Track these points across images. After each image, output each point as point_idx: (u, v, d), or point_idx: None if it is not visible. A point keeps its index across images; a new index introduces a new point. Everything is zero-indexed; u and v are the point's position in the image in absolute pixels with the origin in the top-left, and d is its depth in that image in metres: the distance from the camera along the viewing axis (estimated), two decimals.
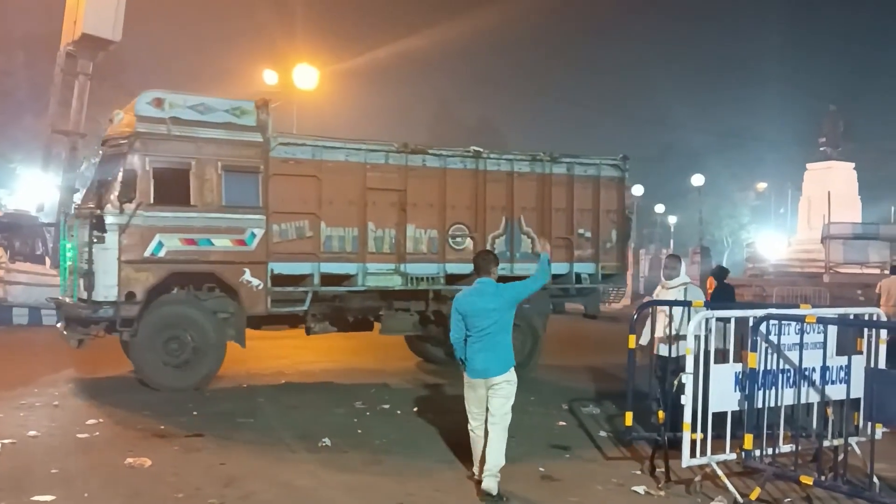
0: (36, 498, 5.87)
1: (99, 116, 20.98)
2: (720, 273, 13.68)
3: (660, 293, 8.47)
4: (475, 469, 6.49)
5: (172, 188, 10.63)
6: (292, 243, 11.25)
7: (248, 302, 10.97)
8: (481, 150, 12.67)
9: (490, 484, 6.17)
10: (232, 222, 10.86)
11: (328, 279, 11.57)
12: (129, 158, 10.38)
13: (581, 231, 13.01)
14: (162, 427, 8.34)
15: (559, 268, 12.64)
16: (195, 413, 9.17)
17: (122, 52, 22.99)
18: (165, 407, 9.44)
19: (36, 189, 22.79)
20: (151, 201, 10.44)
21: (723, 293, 12.88)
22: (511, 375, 6.41)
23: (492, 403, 6.34)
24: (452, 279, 12.26)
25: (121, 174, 10.29)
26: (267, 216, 11.03)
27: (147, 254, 10.39)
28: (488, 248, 11.96)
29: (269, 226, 11.04)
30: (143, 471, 6.70)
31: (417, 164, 12.18)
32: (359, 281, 11.67)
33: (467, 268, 11.84)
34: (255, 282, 10.97)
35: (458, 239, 12.33)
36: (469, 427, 6.54)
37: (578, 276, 13.02)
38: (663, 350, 7.66)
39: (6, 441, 7.46)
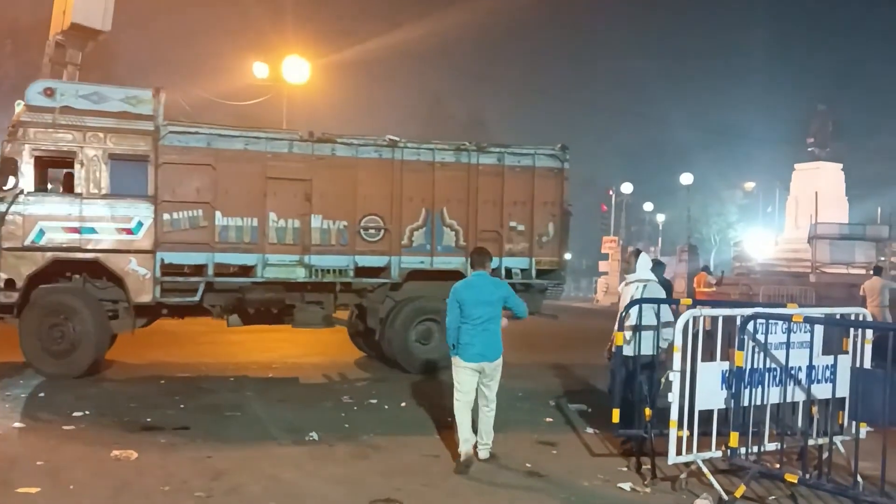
0: (21, 490, 5.84)
1: None
2: (657, 266, 13.59)
3: (622, 290, 8.39)
4: (461, 448, 6.90)
5: (57, 176, 10.99)
6: (185, 233, 11.20)
7: (134, 291, 10.97)
8: (397, 139, 12.29)
9: (486, 453, 7.14)
10: (117, 211, 10.92)
11: (227, 270, 11.60)
12: (12, 147, 10.61)
13: (513, 224, 12.47)
14: (149, 420, 8.32)
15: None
16: (182, 406, 9.15)
17: (112, 42, 22.87)
18: (152, 399, 9.43)
19: None
20: (32, 189, 10.64)
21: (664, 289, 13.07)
22: (501, 361, 7.13)
23: (488, 388, 7.09)
24: (365, 272, 12.08)
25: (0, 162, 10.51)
26: (156, 205, 11.01)
27: (28, 241, 10.56)
28: (405, 240, 11.99)
29: (158, 215, 11.01)
30: (129, 463, 6.68)
31: (326, 153, 11.89)
32: (258, 272, 11.51)
33: (381, 260, 11.97)
34: (142, 271, 10.98)
35: (372, 231, 11.99)
36: (456, 404, 7.06)
37: (509, 271, 12.42)
38: (626, 350, 7.43)
39: None
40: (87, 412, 8.53)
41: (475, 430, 7.11)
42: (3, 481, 6.03)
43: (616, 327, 7.27)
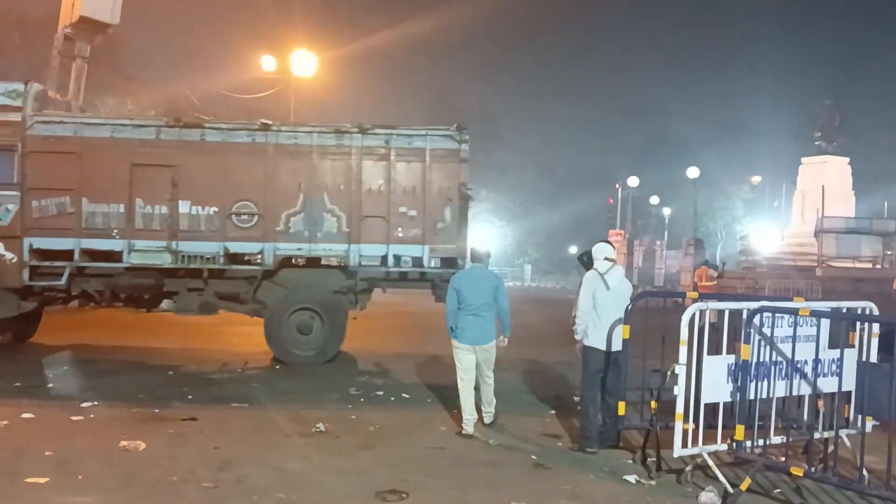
0: (30, 480, 5.89)
1: (95, 100, 20.88)
2: (588, 258, 13.80)
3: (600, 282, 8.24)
4: (465, 424, 7.85)
5: None
6: (53, 219, 11.54)
7: (1, 275, 11.37)
8: (270, 122, 12.13)
9: (490, 418, 8.12)
10: None
11: (97, 255, 11.75)
12: None
13: (403, 209, 11.87)
14: (156, 410, 8.37)
15: (373, 249, 11.89)
16: (190, 397, 9.20)
17: (120, 35, 22.90)
18: (160, 390, 9.48)
19: None
20: None
21: None
22: (494, 343, 8.04)
23: (486, 365, 8.00)
24: (239, 258, 12.03)
25: None
26: (23, 192, 11.37)
27: None
28: (281, 226, 11.82)
29: (26, 202, 11.37)
30: (137, 454, 6.72)
31: (195, 138, 11.85)
32: (124, 258, 11.67)
33: (255, 247, 11.88)
34: (9, 255, 11.37)
35: (244, 217, 11.81)
36: (460, 383, 7.97)
37: (399, 258, 11.96)
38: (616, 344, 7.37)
39: (1, 423, 7.49)
40: (95, 403, 8.58)
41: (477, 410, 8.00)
42: (12, 471, 6.08)
43: (625, 319, 7.23)
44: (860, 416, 6.17)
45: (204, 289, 12.10)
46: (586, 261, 14.41)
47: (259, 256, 12.03)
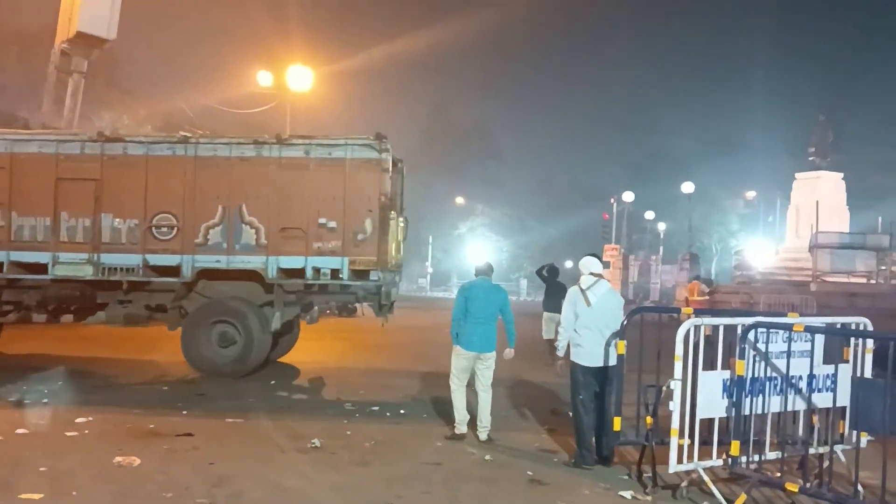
0: (24, 496, 5.86)
1: (92, 114, 20.93)
2: (551, 271, 14.75)
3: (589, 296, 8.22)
4: (458, 425, 8.28)
5: None
6: None
7: None
8: (189, 135, 12.22)
9: (485, 435, 8.17)
10: None
11: (27, 268, 12.00)
12: None
13: (322, 221, 11.63)
14: (151, 426, 8.34)
15: (292, 262, 11.73)
16: (185, 412, 9.17)
17: (117, 50, 22.97)
18: (155, 406, 9.45)
19: None
20: None
21: (555, 291, 14.07)
22: (494, 353, 8.35)
23: (484, 375, 8.31)
24: (159, 270, 11.97)
25: None
26: None
27: None
28: (200, 238, 11.79)
29: None
30: (131, 469, 6.70)
31: (118, 152, 11.96)
32: (49, 270, 11.86)
33: (173, 259, 11.86)
34: None
35: (164, 229, 11.86)
36: (452, 386, 8.33)
37: (318, 271, 11.73)
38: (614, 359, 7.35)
39: None
40: (90, 418, 8.55)
41: (469, 412, 8.34)
42: (6, 487, 6.06)
43: (619, 336, 7.24)
44: (855, 432, 6.18)
45: (132, 300, 12.20)
46: (545, 275, 15.09)
47: (178, 269, 11.96)
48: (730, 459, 6.21)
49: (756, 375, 6.30)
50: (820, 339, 6.53)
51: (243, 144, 11.92)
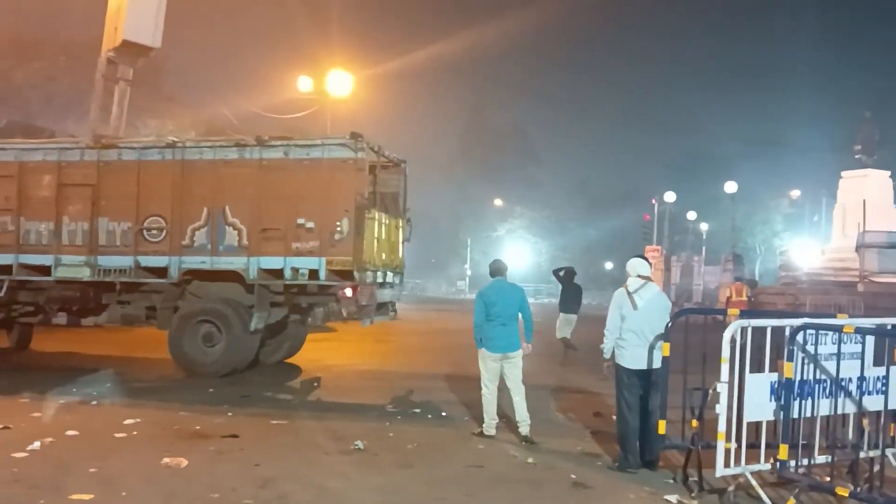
0: (75, 496, 5.97)
1: (137, 122, 21.31)
2: (568, 273, 15.21)
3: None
4: (486, 427, 8.39)
5: None
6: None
7: None
8: (177, 139, 12.49)
9: (526, 430, 8.21)
10: None
11: (34, 270, 12.60)
12: None
13: (301, 221, 11.60)
14: (198, 427, 8.46)
15: (272, 262, 11.78)
16: (230, 414, 9.29)
17: (161, 58, 23.35)
18: (202, 407, 9.59)
19: None
20: None
21: (571, 292, 14.86)
22: (520, 352, 8.42)
23: (513, 373, 8.40)
24: (150, 272, 12.25)
25: None
26: None
27: None
28: (187, 240, 12.03)
29: None
30: (179, 471, 6.80)
31: (113, 158, 12.40)
32: (53, 272, 12.44)
33: (162, 261, 12.10)
34: None
35: (154, 231, 12.17)
36: (484, 390, 8.42)
37: (297, 271, 11.72)
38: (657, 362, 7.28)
39: (46, 440, 7.60)
40: (138, 420, 8.70)
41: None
42: (57, 488, 6.17)
43: (664, 338, 7.15)
44: None
45: (130, 301, 12.63)
46: (563, 276, 15.27)
47: (166, 270, 12.25)
48: (778, 463, 6.10)
49: (805, 378, 6.19)
50: (870, 340, 6.40)
51: (226, 147, 12.16)
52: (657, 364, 7.17)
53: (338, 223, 11.51)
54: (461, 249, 67.95)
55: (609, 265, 73.00)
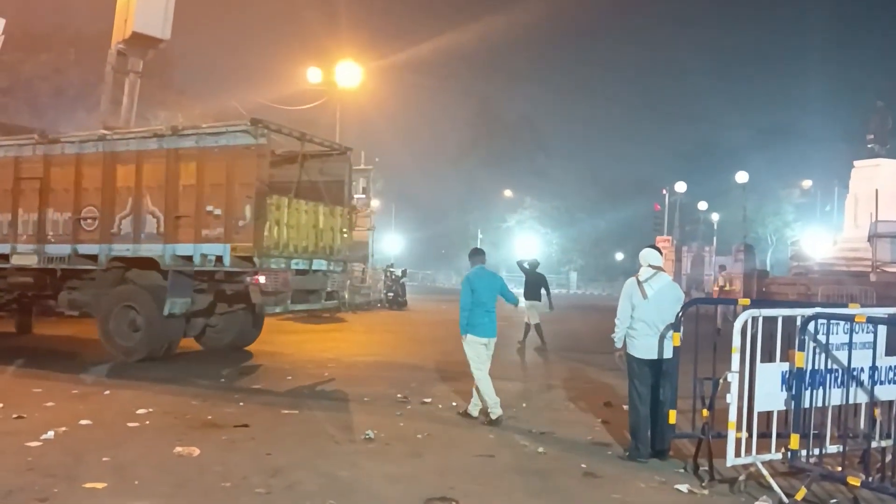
0: (88, 485, 6.01)
1: (147, 114, 21.38)
2: (531, 264, 16.57)
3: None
4: (492, 410, 8.55)
5: None
6: None
7: None
8: (107, 132, 12.83)
9: (499, 412, 8.60)
10: None
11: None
12: None
13: (210, 208, 11.74)
14: (209, 417, 8.50)
15: (185, 249, 11.96)
16: (241, 404, 9.33)
17: (171, 50, 23.40)
18: (213, 398, 9.64)
19: None
20: None
21: (535, 281, 16.21)
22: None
23: (489, 359, 8.81)
24: (88, 258, 12.74)
25: None
26: None
27: None
28: (115, 229, 12.47)
29: None
30: (191, 460, 6.83)
31: (57, 152, 13.00)
32: (10, 259, 13.31)
33: (94, 248, 12.58)
34: None
35: (89, 220, 12.67)
36: (478, 374, 8.66)
37: (205, 258, 11.83)
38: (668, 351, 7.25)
39: (59, 429, 7.66)
40: (150, 409, 8.76)
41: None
42: (71, 477, 6.21)
43: (674, 328, 7.13)
44: None
45: (77, 287, 13.20)
46: (526, 267, 16.47)
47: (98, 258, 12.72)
48: (789, 453, 6.09)
49: (816, 367, 6.16)
50: (882, 330, 6.36)
51: (147, 138, 12.45)
52: (668, 354, 7.15)
53: (242, 210, 11.57)
54: (471, 240, 67.95)
55: (620, 256, 72.89)
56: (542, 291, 16.28)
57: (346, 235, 13.58)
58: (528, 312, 16.22)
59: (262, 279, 11.60)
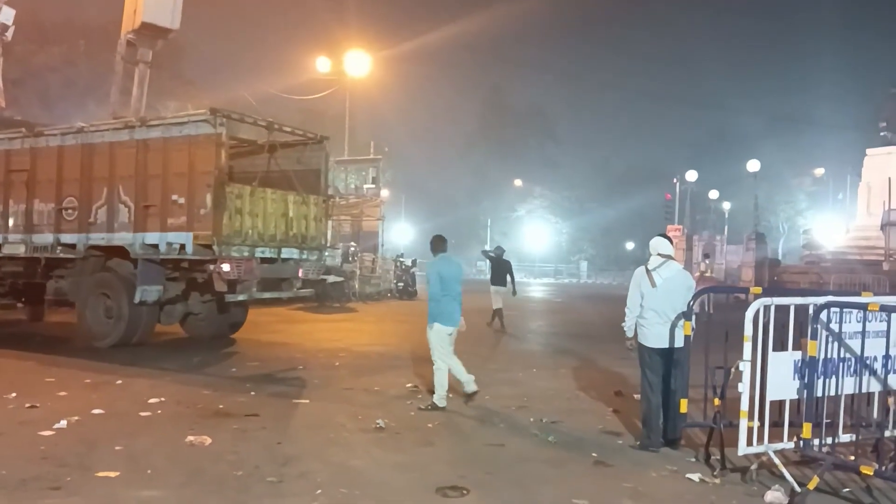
0: (101, 474, 6.04)
1: (157, 104, 21.41)
2: (497, 250, 17.51)
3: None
4: (466, 386, 8.94)
5: None
6: None
7: None
8: (84, 124, 13.03)
9: (473, 387, 8.98)
10: None
11: None
12: None
13: (174, 197, 11.95)
14: (221, 406, 8.53)
15: (152, 238, 12.17)
16: (253, 393, 9.37)
17: (181, 40, 23.41)
18: (224, 387, 9.67)
19: None
20: None
21: (500, 268, 17.12)
22: None
23: (453, 343, 8.97)
24: (69, 248, 13.09)
25: None
26: None
27: None
28: (92, 218, 12.75)
29: None
30: (203, 449, 6.86)
31: (42, 145, 13.40)
32: (2, 249, 13.80)
33: (74, 238, 12.90)
34: None
35: (70, 211, 13.02)
36: (440, 364, 8.82)
37: (170, 246, 12.01)
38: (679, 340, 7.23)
39: (72, 418, 7.70)
40: (162, 399, 8.80)
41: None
42: (84, 466, 6.25)
43: (685, 317, 7.10)
44: None
45: (64, 276, 13.51)
46: (492, 255, 17.43)
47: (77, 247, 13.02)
48: (801, 442, 6.05)
49: (829, 356, 6.13)
50: None
51: (119, 130, 12.70)
52: (679, 343, 7.13)
53: (203, 198, 11.71)
54: (481, 230, 67.91)
55: (630, 245, 72.71)
56: (508, 277, 17.08)
57: (321, 224, 13.73)
58: (493, 298, 17.13)
59: (225, 267, 11.65)
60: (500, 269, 17.18)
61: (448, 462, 6.68)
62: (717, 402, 6.73)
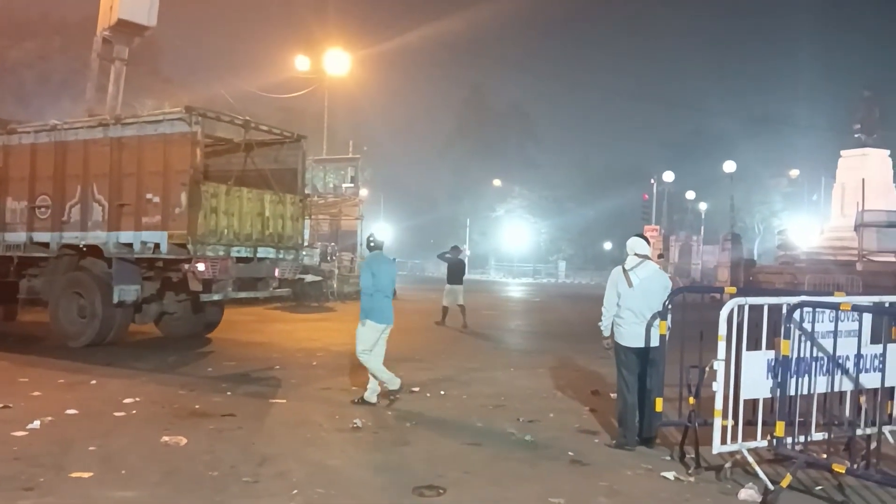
0: (75, 474, 5.99)
1: (134, 101, 21.23)
2: (453, 251, 18.12)
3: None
4: (390, 384, 8.94)
5: None
6: None
7: None
8: (58, 122, 12.99)
9: (397, 385, 9.03)
10: None
11: None
12: None
13: (149, 196, 11.86)
14: (197, 406, 8.48)
15: (126, 237, 12.11)
16: (229, 393, 9.32)
17: (157, 37, 23.23)
18: (200, 387, 9.62)
19: None
20: None
21: (456, 268, 17.78)
22: None
23: (384, 344, 9.08)
24: (42, 246, 13.00)
25: None
26: None
27: None
28: (66, 217, 12.66)
29: None
30: (178, 449, 6.82)
31: (14, 142, 13.32)
32: None
33: (47, 236, 12.87)
34: None
35: (43, 209, 12.95)
36: (364, 357, 8.90)
37: (145, 245, 11.95)
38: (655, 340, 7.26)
39: (46, 418, 7.62)
40: (137, 399, 8.72)
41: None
42: (58, 466, 6.19)
43: (661, 317, 7.15)
44: None
45: (37, 275, 13.39)
46: (448, 256, 17.93)
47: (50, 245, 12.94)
48: (774, 440, 6.12)
49: (801, 355, 6.19)
50: (867, 318, 6.40)
51: (93, 128, 12.57)
52: (655, 342, 7.18)
53: (178, 197, 11.62)
54: (460, 230, 67.91)
55: (608, 245, 73.06)
56: (464, 278, 17.93)
57: (297, 223, 13.66)
58: (448, 296, 17.74)
59: (200, 266, 11.56)
60: (457, 269, 17.84)
61: (425, 461, 6.68)
62: (691, 400, 6.80)
